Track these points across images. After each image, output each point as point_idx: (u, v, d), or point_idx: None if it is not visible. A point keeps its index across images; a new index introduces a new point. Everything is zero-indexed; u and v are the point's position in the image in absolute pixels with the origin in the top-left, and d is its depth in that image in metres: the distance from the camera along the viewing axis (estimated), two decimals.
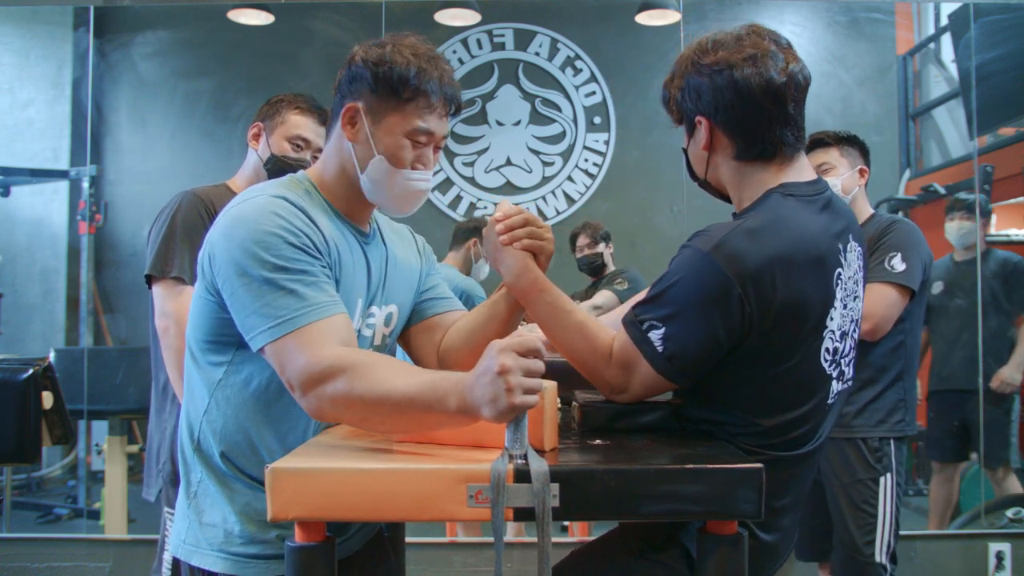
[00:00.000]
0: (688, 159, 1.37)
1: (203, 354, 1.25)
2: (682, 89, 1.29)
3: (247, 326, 1.15)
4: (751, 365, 1.20)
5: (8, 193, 3.80)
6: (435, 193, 3.79)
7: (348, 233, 1.30)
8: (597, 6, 3.82)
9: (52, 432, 2.34)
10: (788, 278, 1.16)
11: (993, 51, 3.54)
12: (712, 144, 1.29)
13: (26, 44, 3.84)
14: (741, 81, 1.23)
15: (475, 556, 3.16)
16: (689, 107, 1.29)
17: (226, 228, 1.18)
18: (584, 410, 1.29)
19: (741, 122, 1.26)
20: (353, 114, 1.26)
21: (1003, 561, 3.17)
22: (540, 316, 1.31)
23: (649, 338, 1.20)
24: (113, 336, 3.80)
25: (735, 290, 1.14)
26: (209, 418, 1.24)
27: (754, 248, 1.16)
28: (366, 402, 1.06)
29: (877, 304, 2.14)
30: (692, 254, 1.19)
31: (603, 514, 1.09)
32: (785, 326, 1.17)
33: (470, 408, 1.00)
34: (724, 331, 1.17)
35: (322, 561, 1.02)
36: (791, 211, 1.21)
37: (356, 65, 1.25)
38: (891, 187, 3.91)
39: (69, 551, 3.23)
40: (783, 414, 1.22)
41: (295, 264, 1.14)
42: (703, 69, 1.25)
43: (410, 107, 1.23)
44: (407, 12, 3.71)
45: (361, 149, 1.26)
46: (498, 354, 0.97)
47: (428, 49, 1.26)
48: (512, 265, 1.31)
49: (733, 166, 1.30)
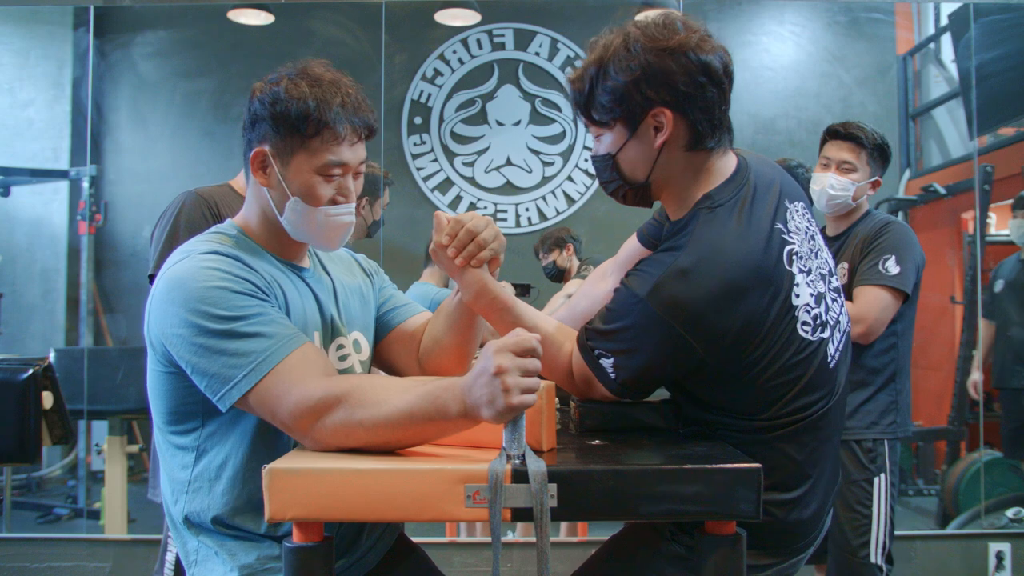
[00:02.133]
0: (616, 163, 1.27)
1: (170, 428, 1.21)
2: (635, 81, 1.19)
3: (215, 386, 1.10)
4: (725, 377, 1.20)
5: (8, 193, 3.80)
6: (435, 193, 3.79)
7: (287, 271, 1.27)
8: (597, 6, 3.82)
9: (52, 432, 2.34)
10: (732, 306, 1.15)
11: (993, 51, 3.54)
12: (669, 138, 1.22)
13: (26, 44, 3.84)
14: (707, 63, 1.19)
15: (475, 556, 3.15)
16: (644, 99, 1.20)
17: (165, 294, 1.13)
18: (582, 410, 1.29)
19: (706, 107, 1.21)
20: (262, 159, 1.21)
21: (1003, 561, 3.16)
22: (503, 331, 1.29)
23: (601, 365, 1.23)
24: (113, 336, 3.80)
25: (678, 333, 1.15)
26: (192, 497, 1.20)
27: (690, 290, 1.14)
28: (367, 427, 1.05)
29: (871, 307, 2.13)
30: (629, 298, 1.19)
31: (601, 514, 1.09)
32: (744, 341, 1.17)
33: (470, 411, 1.00)
34: (672, 366, 1.21)
35: (320, 561, 1.02)
36: (720, 231, 1.18)
37: (254, 105, 1.20)
38: (891, 187, 3.91)
39: (69, 551, 3.23)
40: (780, 404, 1.22)
41: (247, 310, 1.11)
42: (665, 54, 1.18)
43: (315, 143, 1.18)
44: (407, 12, 3.70)
45: (276, 193, 1.22)
46: (494, 355, 0.97)
47: (330, 76, 1.20)
48: (470, 285, 1.28)
49: (684, 159, 1.24)
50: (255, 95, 1.21)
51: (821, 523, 1.32)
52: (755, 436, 1.22)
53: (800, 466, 1.25)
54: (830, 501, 1.33)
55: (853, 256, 2.26)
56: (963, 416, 3.76)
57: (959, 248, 3.94)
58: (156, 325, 1.14)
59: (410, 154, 3.79)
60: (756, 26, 3.83)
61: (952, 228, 4.01)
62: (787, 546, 1.28)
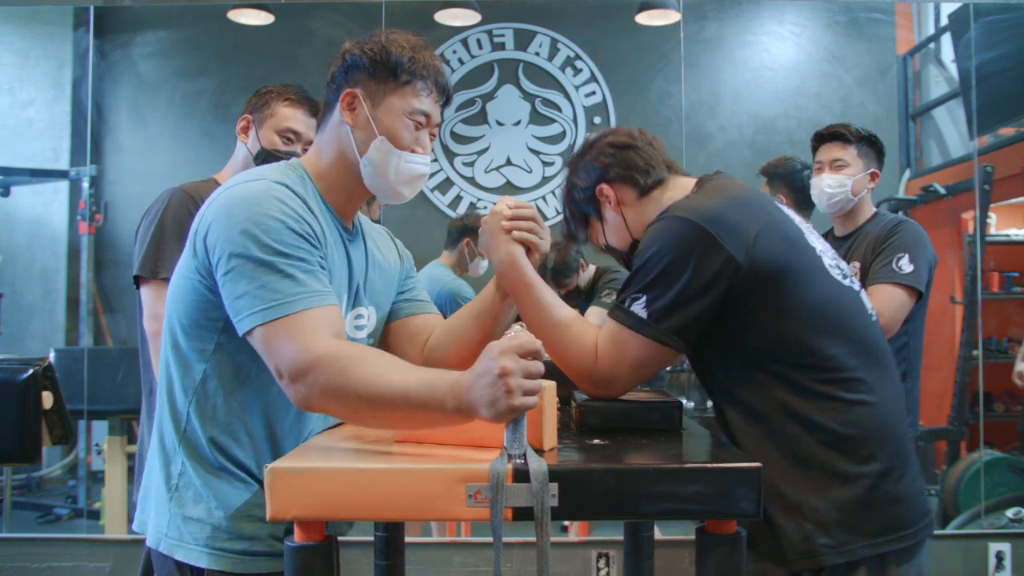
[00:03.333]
0: (608, 245, 1.48)
1: (187, 339, 1.23)
2: (573, 189, 1.47)
3: (237, 308, 1.13)
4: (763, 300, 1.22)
5: (8, 193, 3.81)
6: (435, 193, 3.79)
7: (334, 229, 1.29)
8: (597, 6, 3.82)
9: (52, 432, 2.34)
10: (745, 211, 1.25)
11: (993, 51, 3.54)
12: (619, 201, 1.42)
13: (26, 44, 3.84)
14: (614, 142, 1.44)
15: (475, 556, 3.15)
16: (587, 190, 1.44)
17: (225, 207, 1.16)
18: (583, 410, 1.29)
19: (626, 164, 1.42)
20: (352, 99, 1.26)
21: (1003, 561, 3.16)
22: (526, 311, 1.35)
23: (632, 311, 1.25)
24: (113, 336, 3.81)
25: (705, 232, 1.21)
26: (199, 405, 1.22)
27: (704, 201, 1.27)
28: (360, 395, 1.05)
29: (886, 305, 2.11)
30: (655, 227, 1.28)
31: (602, 514, 1.09)
32: (764, 246, 1.21)
33: (467, 409, 1.00)
34: (702, 268, 1.21)
35: (322, 561, 1.02)
36: (715, 186, 1.34)
37: (352, 55, 1.27)
38: (891, 187, 3.91)
39: (69, 551, 3.22)
40: (834, 341, 1.22)
41: (294, 251, 1.14)
42: (579, 159, 1.47)
43: (407, 89, 1.26)
44: (407, 12, 3.71)
45: (361, 133, 1.26)
46: (499, 356, 0.97)
47: (421, 39, 1.30)
48: (504, 256, 1.34)
49: (641, 205, 1.42)
50: (350, 49, 1.28)
51: (920, 502, 1.27)
52: (808, 391, 1.21)
53: (887, 428, 1.22)
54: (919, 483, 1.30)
55: (864, 255, 2.24)
56: (963, 416, 3.76)
57: (959, 248, 3.94)
58: (206, 230, 1.17)
59: None
60: (756, 26, 3.83)
61: (952, 228, 4.01)
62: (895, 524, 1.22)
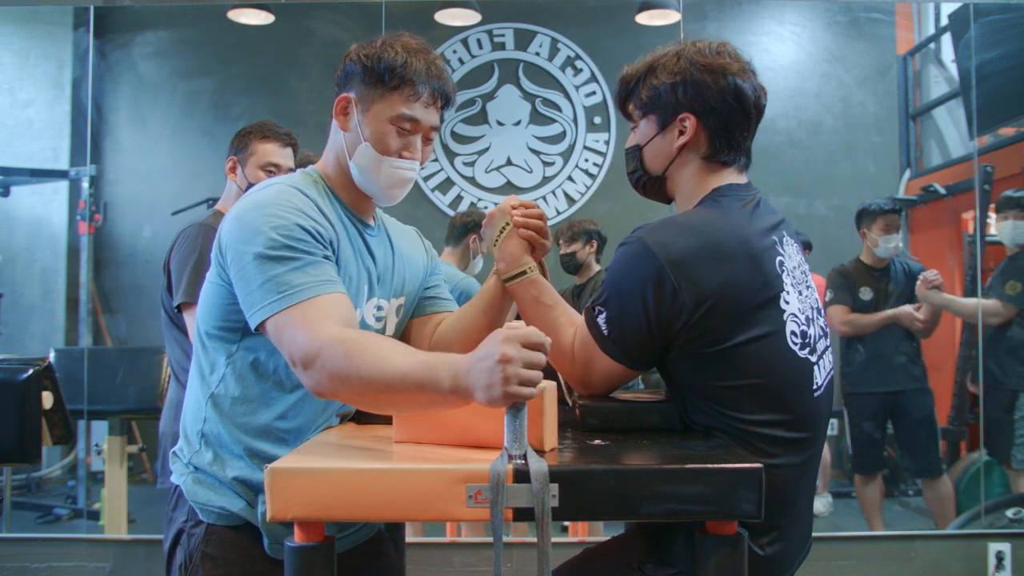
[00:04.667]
0: (641, 154, 1.39)
1: (211, 340, 1.29)
2: (673, 84, 1.31)
3: (250, 301, 1.18)
4: (709, 355, 1.21)
5: (8, 193, 3.80)
6: (435, 193, 3.79)
7: (350, 223, 1.34)
8: (597, 6, 3.82)
9: (52, 432, 2.35)
10: (715, 265, 1.20)
11: (993, 51, 3.54)
12: (687, 141, 1.33)
13: (26, 44, 3.84)
14: (741, 89, 1.31)
15: (475, 556, 3.15)
16: (676, 102, 1.31)
17: (240, 212, 1.23)
18: (584, 410, 1.29)
19: (728, 126, 1.32)
20: (345, 104, 1.32)
21: (1003, 561, 3.17)
22: (523, 306, 1.39)
23: (598, 322, 1.27)
24: (112, 336, 3.80)
25: (667, 272, 1.20)
26: (216, 398, 1.28)
27: (681, 239, 1.22)
28: (363, 378, 1.07)
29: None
30: (628, 248, 1.26)
31: (602, 514, 1.09)
32: (722, 312, 1.19)
33: (463, 390, 1.00)
34: (655, 310, 1.21)
35: (322, 561, 1.02)
36: (721, 209, 1.28)
37: (350, 60, 1.32)
38: (891, 187, 3.91)
39: (69, 551, 3.23)
40: (762, 409, 1.22)
41: (303, 245, 1.19)
42: (706, 70, 1.30)
43: (395, 95, 1.29)
44: (407, 12, 3.70)
45: (351, 137, 1.32)
46: (502, 342, 0.97)
47: (420, 44, 1.32)
48: (510, 253, 1.38)
49: (699, 165, 1.35)
50: (350, 54, 1.33)
51: (800, 557, 1.30)
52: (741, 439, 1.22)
53: (781, 491, 1.22)
54: (799, 561, 1.31)
55: None
56: (963, 416, 3.76)
57: (959, 248, 3.94)
58: (223, 236, 1.24)
59: None
60: (756, 26, 3.83)
61: (952, 228, 4.01)
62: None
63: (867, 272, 3.49)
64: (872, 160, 3.91)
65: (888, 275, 3.47)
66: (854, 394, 3.54)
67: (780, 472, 1.22)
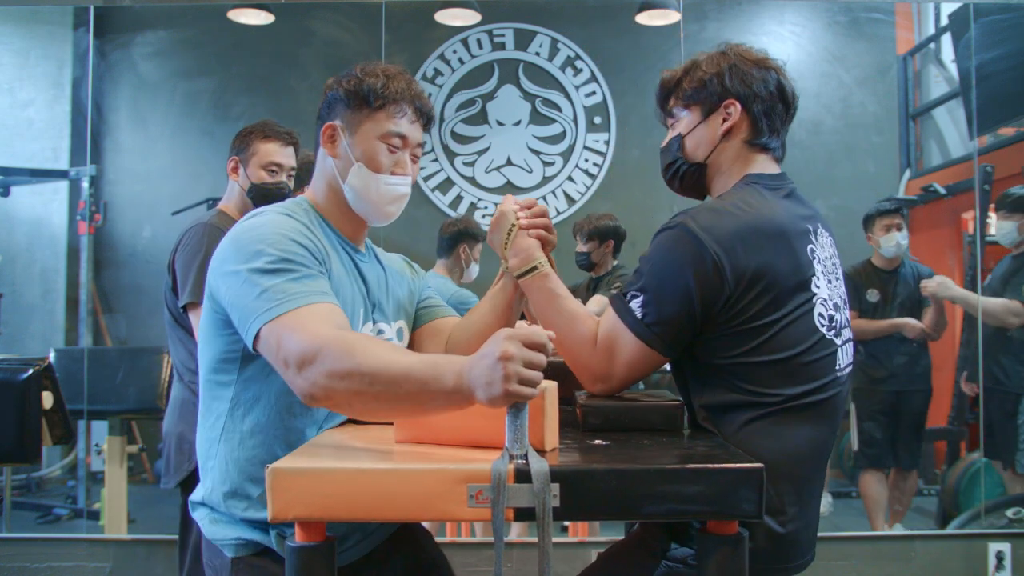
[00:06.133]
0: (683, 143, 1.42)
1: (215, 375, 1.29)
2: (719, 73, 1.37)
3: (245, 316, 1.17)
4: (740, 331, 1.23)
5: (8, 193, 3.80)
6: (435, 193, 3.79)
7: (342, 249, 1.37)
8: (597, 6, 3.82)
9: (52, 432, 2.35)
10: (755, 247, 1.23)
11: (993, 51, 3.54)
12: (732, 128, 1.38)
13: (26, 44, 3.84)
14: (783, 83, 1.39)
15: (475, 556, 3.15)
16: (723, 89, 1.37)
17: (234, 236, 1.25)
18: (585, 410, 1.29)
19: (770, 113, 1.38)
20: (331, 132, 1.36)
21: (1003, 561, 3.17)
22: (536, 300, 1.39)
23: (630, 307, 1.27)
24: (112, 336, 3.80)
25: (709, 252, 1.21)
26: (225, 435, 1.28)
27: (723, 221, 1.25)
28: (363, 374, 1.05)
29: None
30: (668, 231, 1.28)
31: (604, 514, 1.09)
32: (760, 292, 1.22)
33: (465, 388, 1.00)
34: (698, 291, 1.22)
35: (322, 561, 1.02)
36: (754, 195, 1.31)
37: (331, 91, 1.36)
38: (891, 187, 3.91)
39: (69, 551, 3.22)
40: (794, 383, 1.25)
41: (299, 259, 1.21)
42: (752, 64, 1.38)
43: (381, 114, 1.33)
44: (407, 12, 3.70)
45: (341, 162, 1.35)
46: (504, 340, 0.97)
47: (398, 68, 1.37)
48: (522, 251, 1.40)
49: (740, 149, 1.39)
50: (331, 85, 1.37)
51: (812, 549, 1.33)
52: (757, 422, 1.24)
53: (800, 467, 1.27)
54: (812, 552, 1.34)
55: None
56: (963, 416, 3.76)
57: (959, 248, 3.94)
58: (215, 267, 1.25)
59: None
60: (756, 26, 3.83)
61: (952, 228, 4.01)
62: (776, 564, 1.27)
63: (875, 274, 3.54)
64: (872, 160, 3.91)
65: (897, 277, 3.51)
66: (862, 388, 3.59)
67: (799, 448, 1.26)
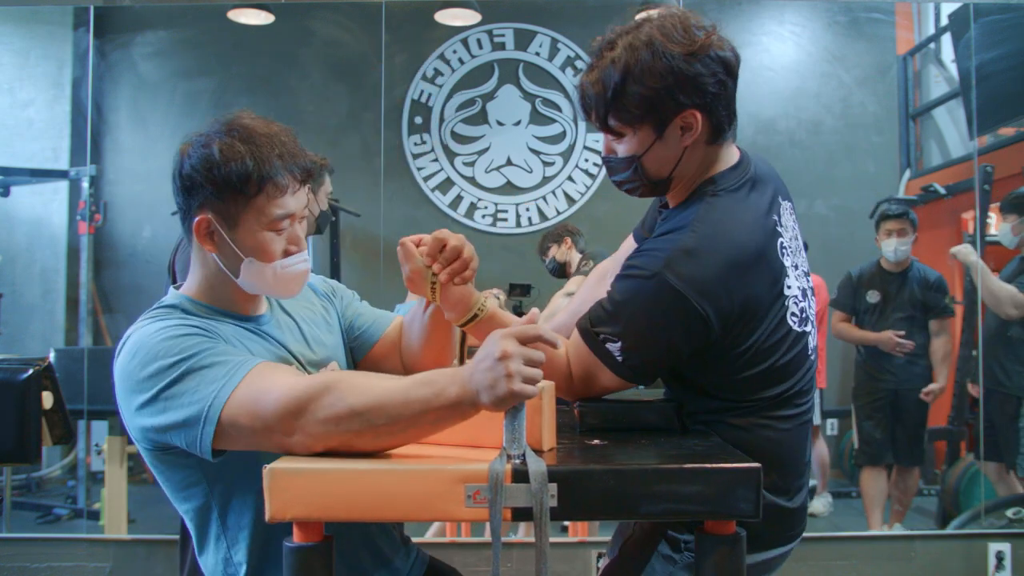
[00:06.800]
0: (641, 164, 1.27)
1: (184, 504, 1.23)
2: (667, 88, 1.19)
3: (192, 429, 1.06)
4: (725, 357, 1.24)
5: (8, 193, 3.80)
6: (435, 193, 3.79)
7: (244, 325, 1.26)
8: (597, 6, 3.82)
9: (52, 432, 2.34)
10: (738, 285, 1.19)
11: (993, 51, 3.53)
12: (697, 137, 1.24)
13: (26, 44, 3.84)
14: (727, 58, 1.22)
15: (475, 556, 3.15)
16: (676, 104, 1.21)
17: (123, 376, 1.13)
18: (582, 410, 1.29)
19: (727, 102, 1.24)
20: (207, 226, 1.19)
21: (1003, 561, 3.16)
22: None
23: (607, 350, 1.23)
24: (112, 336, 3.80)
25: (694, 307, 1.17)
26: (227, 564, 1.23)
27: (700, 268, 1.17)
28: (360, 411, 1.00)
29: None
30: (639, 278, 1.20)
31: (601, 514, 1.09)
32: (745, 322, 1.22)
33: (470, 395, 0.98)
34: (684, 344, 1.21)
35: (320, 561, 1.02)
36: (723, 213, 1.22)
37: (186, 170, 1.18)
38: (891, 187, 3.91)
39: (69, 551, 3.22)
40: (776, 385, 1.27)
41: (198, 347, 1.10)
42: (691, 59, 1.19)
43: (260, 199, 1.17)
44: (407, 12, 3.70)
45: (227, 257, 1.21)
46: (500, 340, 0.97)
47: (262, 128, 1.19)
48: (458, 303, 1.28)
49: (703, 152, 1.27)
50: (184, 157, 1.19)
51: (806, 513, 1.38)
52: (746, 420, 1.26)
53: (796, 449, 1.31)
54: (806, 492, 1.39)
55: None
56: (963, 416, 3.75)
57: None
58: (127, 414, 1.13)
59: (410, 154, 3.79)
60: (756, 26, 3.83)
61: (952, 228, 4.00)
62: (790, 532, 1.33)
63: (880, 275, 3.55)
64: (872, 160, 3.91)
65: (902, 281, 3.50)
66: (862, 386, 3.61)
67: (791, 434, 1.29)
